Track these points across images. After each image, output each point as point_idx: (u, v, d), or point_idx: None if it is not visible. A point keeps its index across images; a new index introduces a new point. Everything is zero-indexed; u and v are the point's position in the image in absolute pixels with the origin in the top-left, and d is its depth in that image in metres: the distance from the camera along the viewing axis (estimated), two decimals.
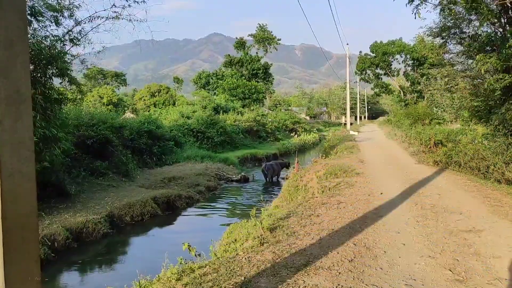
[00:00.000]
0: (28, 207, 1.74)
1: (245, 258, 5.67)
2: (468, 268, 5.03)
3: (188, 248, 6.27)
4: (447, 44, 15.73)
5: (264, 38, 76.27)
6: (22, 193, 1.71)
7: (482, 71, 12.03)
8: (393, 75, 66.25)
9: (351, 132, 40.51)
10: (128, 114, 45.52)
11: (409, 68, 61.98)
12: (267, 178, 20.20)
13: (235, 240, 7.76)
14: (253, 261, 5.53)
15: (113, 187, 15.39)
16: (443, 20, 14.86)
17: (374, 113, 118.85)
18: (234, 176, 21.13)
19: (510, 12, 12.70)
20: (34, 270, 1.79)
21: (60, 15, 12.31)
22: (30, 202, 1.76)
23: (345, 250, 5.81)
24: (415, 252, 5.69)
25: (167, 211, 14.03)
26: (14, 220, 1.66)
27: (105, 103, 52.14)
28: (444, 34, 15.26)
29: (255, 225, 7.63)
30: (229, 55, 73.20)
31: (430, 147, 18.97)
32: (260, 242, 6.47)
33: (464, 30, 14.65)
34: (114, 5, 13.39)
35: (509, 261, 5.22)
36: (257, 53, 73.80)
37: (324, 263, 5.33)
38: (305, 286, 4.61)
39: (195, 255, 6.34)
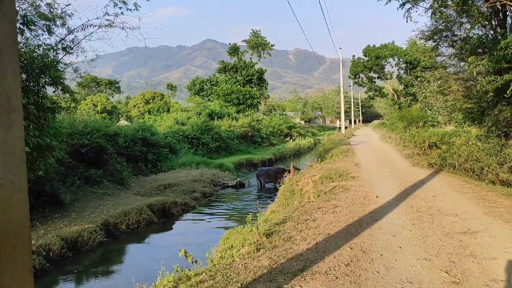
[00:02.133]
0: (20, 218, 1.72)
1: (242, 265, 5.64)
2: (465, 270, 5.04)
3: (185, 254, 6.24)
4: (439, 47, 15.87)
5: (258, 43, 76.48)
6: (14, 204, 1.69)
7: (474, 73, 12.12)
8: (386, 78, 66.60)
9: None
10: (123, 122, 45.39)
11: (402, 71, 62.35)
12: (261, 184, 20.17)
13: (232, 246, 7.73)
14: (250, 267, 5.51)
15: (108, 195, 15.32)
16: (434, 23, 15.00)
17: (369, 117, 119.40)
18: (229, 181, 21.10)
19: (500, 15, 12.84)
20: (27, 281, 1.76)
21: (53, 24, 12.30)
22: (23, 213, 1.73)
23: (341, 254, 5.80)
24: (411, 255, 5.69)
25: (163, 219, 13.97)
26: (6, 231, 1.64)
27: (99, 111, 52.02)
28: (436, 37, 15.39)
29: (251, 231, 7.61)
30: (223, 61, 73.27)
31: (424, 150, 19.04)
32: (257, 248, 6.45)
33: (455, 33, 14.79)
34: (107, 13, 13.40)
35: (505, 262, 5.24)
36: (251, 58, 73.95)
37: (320, 267, 5.31)
38: None
39: (192, 262, 6.31)
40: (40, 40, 12.17)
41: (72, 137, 16.65)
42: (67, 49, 13.10)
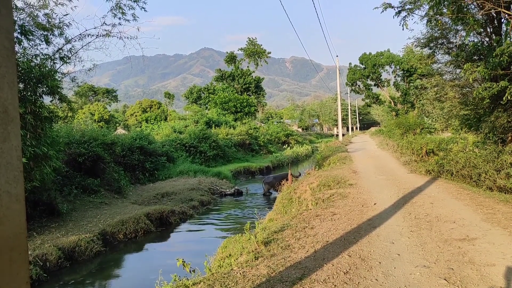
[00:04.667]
0: (17, 229, 1.71)
1: (240, 273, 5.62)
2: (463, 277, 5.03)
3: (183, 264, 6.20)
4: (435, 54, 15.96)
5: (254, 51, 76.84)
6: (11, 214, 1.68)
7: (470, 80, 12.18)
8: (383, 86, 66.89)
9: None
10: (120, 131, 45.36)
11: (399, 79, 62.64)
12: (264, 191, 20.27)
13: (230, 255, 7.69)
14: (248, 276, 5.48)
15: (106, 204, 15.26)
16: (430, 30, 15.09)
17: (366, 124, 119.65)
18: (227, 190, 21.06)
19: (495, 22, 12.93)
20: None
21: (50, 34, 12.34)
22: (19, 223, 1.73)
23: (340, 262, 5.78)
24: (410, 262, 5.68)
25: (160, 227, 13.92)
26: (3, 242, 1.64)
27: (96, 120, 52.06)
28: (431, 45, 15.48)
29: (249, 239, 7.58)
30: (220, 69, 73.53)
31: (422, 156, 19.07)
32: (255, 257, 6.42)
33: (451, 40, 14.88)
34: (104, 23, 13.45)
35: (504, 268, 5.23)
36: (248, 67, 74.24)
37: (319, 276, 5.29)
38: None
39: (190, 271, 6.27)
40: (37, 49, 12.21)
41: (69, 146, 16.62)
42: (65, 59, 13.13)
